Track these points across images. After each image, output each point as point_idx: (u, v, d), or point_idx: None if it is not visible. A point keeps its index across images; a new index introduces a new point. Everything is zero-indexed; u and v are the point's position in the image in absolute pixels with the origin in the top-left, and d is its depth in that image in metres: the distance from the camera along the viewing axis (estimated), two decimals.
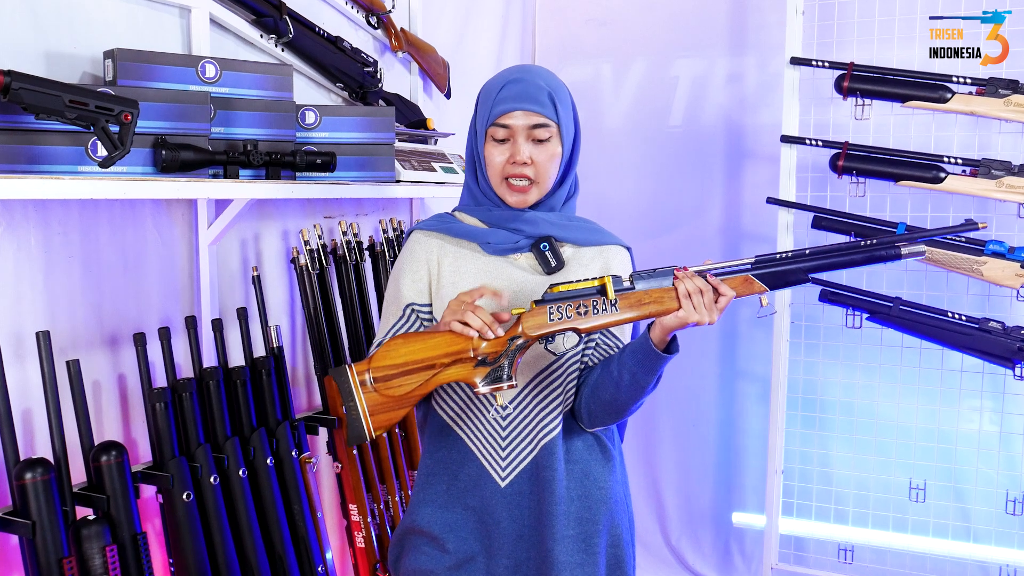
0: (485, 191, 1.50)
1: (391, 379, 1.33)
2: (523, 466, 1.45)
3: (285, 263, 2.27)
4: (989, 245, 2.47)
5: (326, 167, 1.99)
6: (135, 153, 1.63)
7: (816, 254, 1.35)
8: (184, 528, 1.74)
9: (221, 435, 1.86)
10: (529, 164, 1.43)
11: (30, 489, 1.49)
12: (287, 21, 2.13)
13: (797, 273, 1.35)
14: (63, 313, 1.73)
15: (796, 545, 2.92)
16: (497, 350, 1.33)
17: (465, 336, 1.32)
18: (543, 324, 1.33)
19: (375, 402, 1.33)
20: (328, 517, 2.33)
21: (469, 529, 1.47)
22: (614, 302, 1.33)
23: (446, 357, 1.33)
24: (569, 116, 1.47)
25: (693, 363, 3.26)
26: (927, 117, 2.61)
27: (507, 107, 1.42)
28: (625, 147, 3.34)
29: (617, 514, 1.51)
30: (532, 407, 1.45)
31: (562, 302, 1.34)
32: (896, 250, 1.34)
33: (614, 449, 1.54)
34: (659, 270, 1.34)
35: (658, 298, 1.33)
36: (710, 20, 3.18)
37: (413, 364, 1.33)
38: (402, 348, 1.33)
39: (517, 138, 1.43)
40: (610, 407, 1.42)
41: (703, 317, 1.31)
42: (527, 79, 1.44)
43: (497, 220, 1.48)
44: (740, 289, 1.35)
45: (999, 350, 2.46)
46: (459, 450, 1.48)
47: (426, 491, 1.51)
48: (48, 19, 1.68)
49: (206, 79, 1.82)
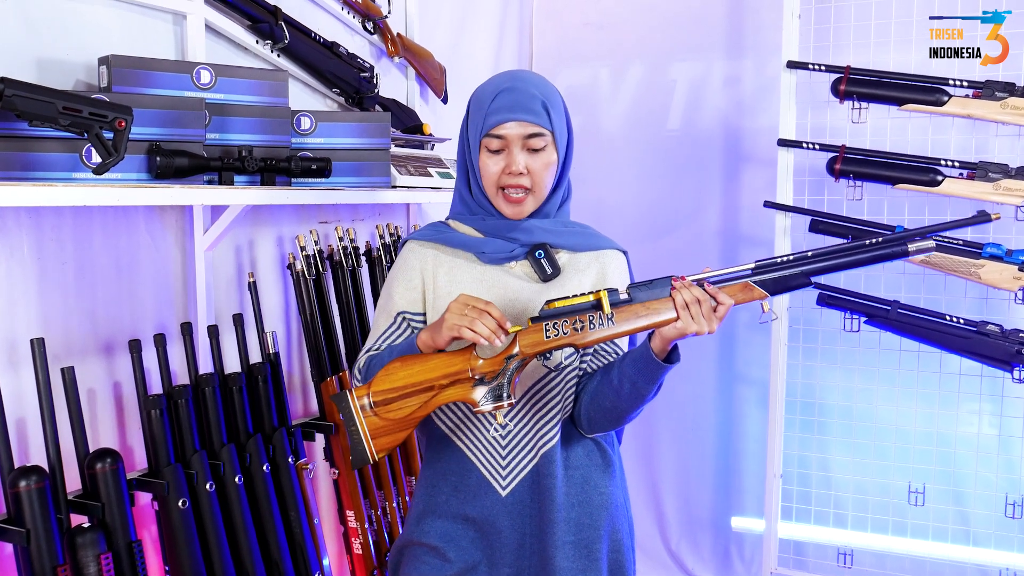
0: (479, 200, 1.49)
1: (391, 402, 1.33)
2: (523, 474, 1.45)
3: (280, 269, 2.27)
4: (987, 248, 2.46)
5: (322, 173, 1.98)
6: (129, 160, 1.62)
7: (819, 256, 1.32)
8: (180, 535, 1.73)
9: (217, 442, 1.85)
10: (525, 174, 1.42)
11: (24, 497, 1.48)
12: (283, 26, 2.12)
13: (799, 277, 1.32)
14: (57, 320, 1.72)
15: (795, 549, 2.91)
16: (495, 369, 1.32)
17: (464, 356, 1.32)
18: (539, 342, 1.32)
19: (376, 425, 1.33)
20: (325, 524, 2.32)
21: (471, 539, 1.47)
22: (611, 316, 1.32)
23: (444, 379, 1.33)
24: (563, 122, 1.46)
25: (691, 368, 3.25)
26: (924, 120, 2.61)
27: (501, 118, 1.40)
28: (622, 151, 3.33)
29: (617, 519, 1.51)
30: (531, 416, 1.45)
31: (558, 319, 1.33)
32: (903, 246, 1.29)
33: (613, 454, 1.54)
34: (656, 281, 1.33)
35: (656, 309, 1.31)
36: (707, 24, 3.18)
37: (412, 387, 1.33)
38: (401, 371, 1.33)
39: (512, 148, 1.41)
40: (610, 414, 1.41)
41: (702, 327, 1.30)
42: (519, 87, 1.42)
43: (492, 229, 1.48)
44: (740, 296, 1.33)
45: (997, 353, 2.45)
46: (459, 460, 1.48)
47: (427, 502, 1.50)
48: (41, 26, 1.67)
49: (201, 85, 1.82)
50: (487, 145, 1.43)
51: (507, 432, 1.45)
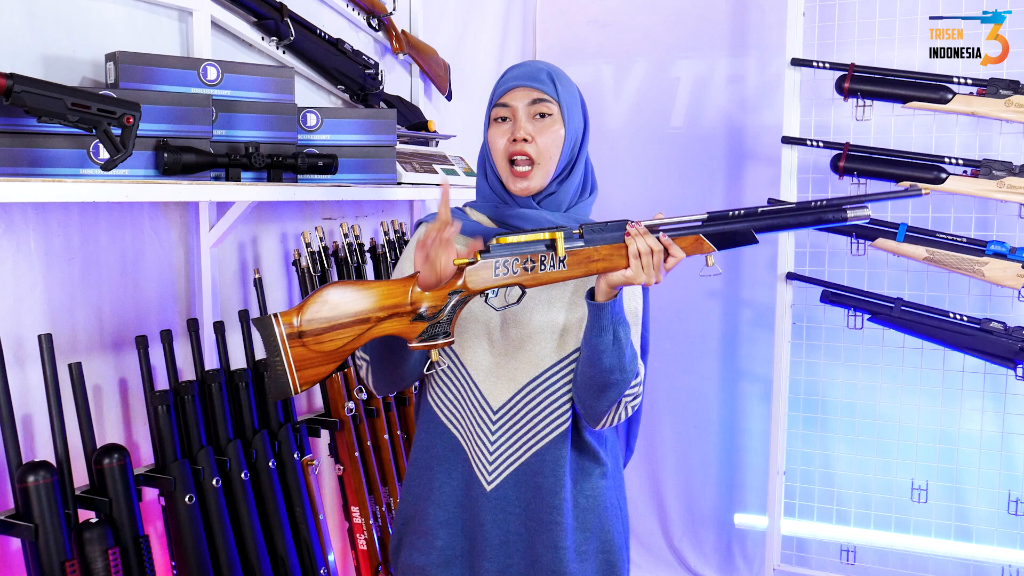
0: (493, 185, 1.49)
1: (322, 332, 1.24)
2: (509, 471, 1.43)
3: (285, 265, 2.27)
4: (990, 246, 2.47)
5: (327, 169, 1.99)
6: (137, 156, 1.63)
7: (767, 214, 1.32)
8: (186, 531, 1.74)
9: (223, 438, 1.86)
10: (530, 141, 1.42)
11: (32, 492, 1.49)
12: (288, 23, 2.13)
13: (747, 234, 1.31)
14: (63, 316, 1.73)
15: (798, 546, 2.92)
16: (437, 304, 1.27)
17: (405, 287, 1.26)
18: (487, 279, 1.28)
19: (303, 357, 1.24)
20: (330, 519, 2.33)
21: (459, 527, 1.47)
22: (563, 258, 1.28)
23: (382, 311, 1.25)
24: (575, 102, 1.47)
25: (695, 364, 3.26)
26: (928, 118, 2.61)
27: (507, 86, 1.44)
28: (626, 148, 3.34)
29: (608, 520, 1.49)
30: (525, 413, 1.44)
31: (509, 256, 1.28)
32: (843, 212, 1.31)
33: (606, 455, 1.51)
34: (611, 223, 1.30)
35: (607, 255, 1.28)
36: (711, 21, 3.18)
37: (346, 317, 1.25)
38: (335, 298, 1.25)
39: (518, 115, 1.43)
40: (589, 386, 1.37)
41: (650, 278, 1.28)
42: (528, 63, 1.48)
43: (501, 217, 1.47)
44: (690, 249, 1.31)
45: (1001, 351, 2.46)
46: (452, 448, 1.47)
47: (422, 485, 1.49)
48: (47, 22, 1.68)
49: (208, 82, 1.82)
50: (495, 115, 1.46)
51: (498, 426, 1.43)
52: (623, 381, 1.36)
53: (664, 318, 3.25)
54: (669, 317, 3.23)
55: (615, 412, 1.42)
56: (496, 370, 1.44)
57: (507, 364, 1.44)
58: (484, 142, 1.50)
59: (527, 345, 1.43)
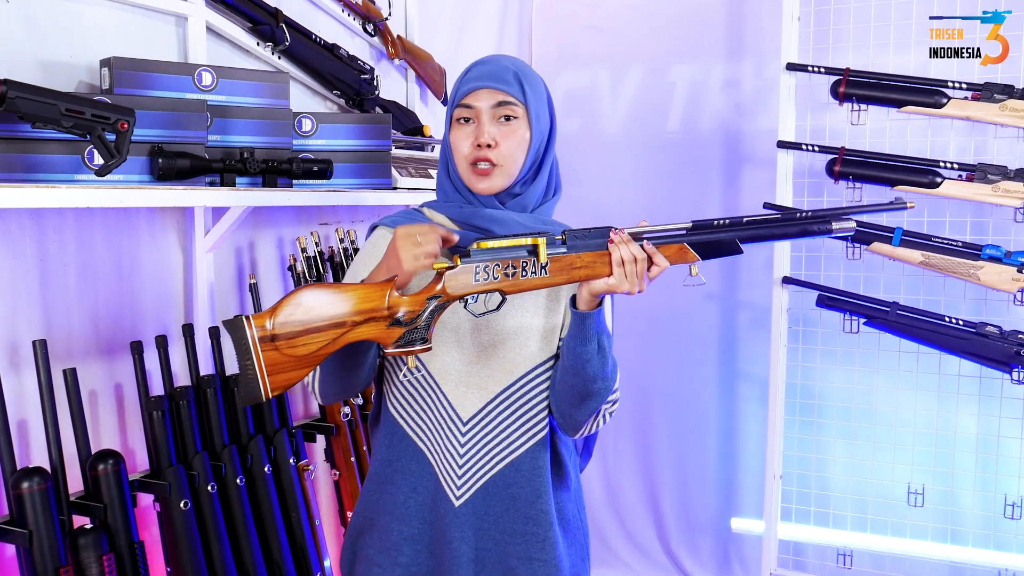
0: (456, 184, 1.43)
1: (296, 336, 1.19)
2: (479, 484, 1.38)
3: (280, 270, 2.27)
4: (986, 250, 2.47)
5: (323, 174, 1.99)
6: (132, 161, 1.62)
7: (752, 224, 1.29)
8: (182, 536, 1.73)
9: (219, 443, 1.86)
10: (494, 147, 1.36)
11: (27, 498, 1.49)
12: (283, 29, 2.13)
13: (731, 244, 1.28)
14: (59, 322, 1.73)
15: (795, 550, 2.91)
16: (415, 309, 1.23)
17: (382, 291, 1.22)
18: (467, 284, 1.24)
19: (275, 361, 1.19)
20: (326, 525, 2.32)
21: (425, 543, 1.40)
22: (545, 264, 1.25)
23: (359, 315, 1.21)
24: (542, 103, 1.41)
25: (691, 367, 3.26)
26: (923, 122, 2.62)
27: (471, 87, 1.37)
28: (622, 153, 3.34)
29: (569, 531, 1.45)
30: (498, 423, 1.38)
31: (490, 261, 1.24)
32: (827, 224, 1.29)
33: (570, 465, 1.48)
34: (594, 230, 1.26)
35: (590, 263, 1.25)
36: (706, 26, 3.19)
37: (321, 321, 1.20)
38: (309, 301, 1.20)
39: (482, 118, 1.37)
40: (571, 394, 1.34)
41: (633, 287, 1.25)
42: (493, 60, 1.41)
43: (466, 218, 1.41)
44: (674, 258, 1.28)
45: (996, 354, 2.46)
46: (418, 462, 1.40)
47: (384, 499, 1.42)
48: (43, 28, 1.68)
49: (203, 87, 1.83)
50: (457, 116, 1.39)
51: (467, 438, 1.38)
52: (605, 390, 1.34)
53: (660, 321, 3.25)
54: (665, 320, 3.23)
55: (594, 420, 1.39)
56: (466, 378, 1.38)
57: (478, 372, 1.38)
58: (445, 140, 1.44)
59: (500, 351, 1.38)
